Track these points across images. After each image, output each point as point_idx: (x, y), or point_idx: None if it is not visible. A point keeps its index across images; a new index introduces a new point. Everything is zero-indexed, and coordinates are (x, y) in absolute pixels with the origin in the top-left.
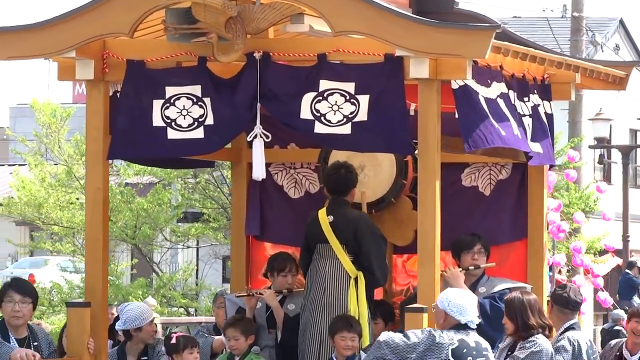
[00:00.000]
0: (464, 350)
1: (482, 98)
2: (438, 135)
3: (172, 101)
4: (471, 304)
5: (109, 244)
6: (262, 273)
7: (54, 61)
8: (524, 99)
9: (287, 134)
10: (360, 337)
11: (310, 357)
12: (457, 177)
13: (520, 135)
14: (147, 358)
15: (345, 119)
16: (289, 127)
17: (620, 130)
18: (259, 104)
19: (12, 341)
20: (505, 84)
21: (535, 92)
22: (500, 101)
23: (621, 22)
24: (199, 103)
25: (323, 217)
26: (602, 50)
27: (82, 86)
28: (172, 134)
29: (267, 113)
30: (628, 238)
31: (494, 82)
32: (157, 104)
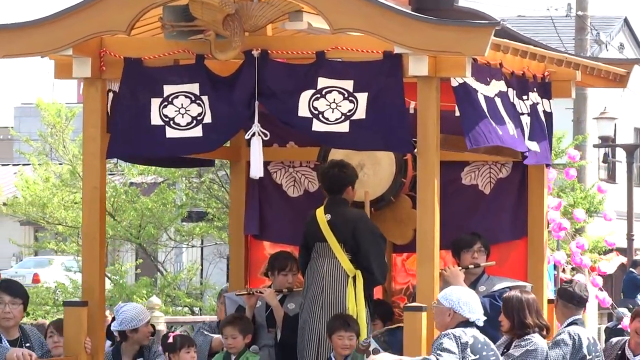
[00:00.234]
0: (479, 345)
1: (481, 96)
2: (437, 134)
3: (170, 99)
4: (477, 301)
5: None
6: (262, 272)
7: (50, 59)
8: (523, 97)
9: (286, 132)
10: (358, 336)
11: (309, 356)
12: (457, 176)
13: (516, 135)
14: (142, 359)
15: (343, 117)
16: (287, 125)
17: (625, 129)
18: (257, 101)
19: (4, 343)
20: (504, 82)
21: (535, 90)
22: (498, 100)
23: (626, 20)
24: (197, 101)
25: (321, 216)
26: (607, 49)
27: None
28: (170, 133)
29: (266, 111)
30: (633, 237)
31: (493, 80)
32: (155, 103)
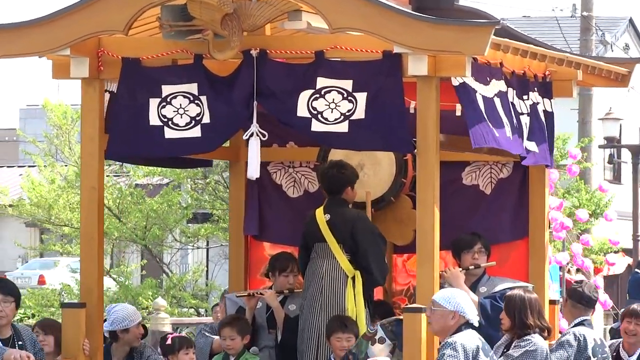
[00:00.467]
0: (486, 347)
1: (479, 96)
2: (437, 134)
3: (168, 100)
4: (471, 302)
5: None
6: (263, 273)
7: (48, 59)
8: (524, 97)
9: (286, 132)
10: (356, 337)
11: (309, 357)
12: (458, 176)
13: (512, 137)
14: None
15: (342, 117)
16: (285, 125)
17: (630, 129)
18: (255, 101)
19: None
20: (504, 81)
21: (536, 89)
22: (497, 100)
23: (631, 21)
24: (196, 101)
25: (320, 216)
26: (612, 50)
27: None
28: (169, 133)
29: (265, 111)
30: (638, 237)
31: (493, 79)
32: (153, 103)
